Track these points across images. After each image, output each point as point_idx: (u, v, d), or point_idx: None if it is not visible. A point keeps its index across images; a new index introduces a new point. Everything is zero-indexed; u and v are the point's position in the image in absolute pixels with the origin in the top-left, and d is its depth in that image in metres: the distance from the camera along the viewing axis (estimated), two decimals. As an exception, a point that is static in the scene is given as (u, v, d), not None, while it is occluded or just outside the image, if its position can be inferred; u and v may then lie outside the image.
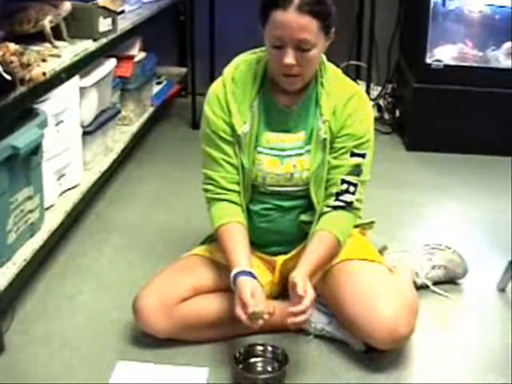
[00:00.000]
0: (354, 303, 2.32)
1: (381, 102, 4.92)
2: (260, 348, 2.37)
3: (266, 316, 2.17)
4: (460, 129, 4.31)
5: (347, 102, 2.38)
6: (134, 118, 4.04)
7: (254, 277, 2.26)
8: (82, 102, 3.19)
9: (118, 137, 3.78)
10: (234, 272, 2.26)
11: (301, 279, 2.20)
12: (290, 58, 2.23)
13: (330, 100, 2.37)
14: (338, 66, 2.49)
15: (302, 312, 2.16)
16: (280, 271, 2.54)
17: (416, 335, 2.39)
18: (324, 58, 2.41)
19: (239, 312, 2.18)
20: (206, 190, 2.47)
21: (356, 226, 2.55)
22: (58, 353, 2.41)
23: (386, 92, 4.93)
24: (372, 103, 4.80)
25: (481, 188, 3.92)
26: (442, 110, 4.32)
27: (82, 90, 3.17)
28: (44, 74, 2.52)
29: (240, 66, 2.42)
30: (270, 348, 2.36)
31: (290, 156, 2.42)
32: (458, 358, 2.47)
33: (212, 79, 2.45)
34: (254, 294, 2.19)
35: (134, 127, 4.00)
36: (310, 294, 2.18)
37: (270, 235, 2.54)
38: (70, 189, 3.11)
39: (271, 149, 2.42)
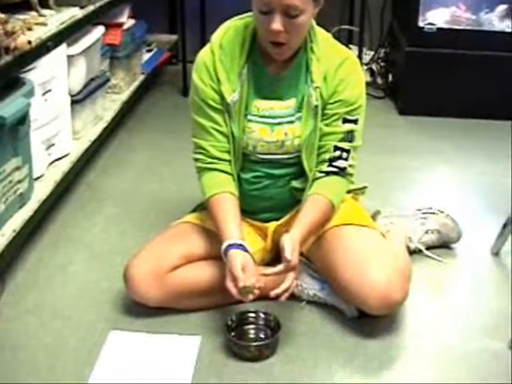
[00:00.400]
0: (347, 268, 2.32)
1: (373, 67, 4.89)
2: (252, 315, 2.36)
3: (256, 291, 2.18)
4: (453, 93, 4.30)
5: (338, 67, 2.35)
6: (123, 87, 4.01)
7: (246, 249, 2.25)
8: (70, 71, 3.17)
9: (108, 105, 3.76)
10: (225, 244, 2.25)
11: (289, 243, 2.19)
12: (277, 24, 2.19)
13: (320, 66, 2.34)
14: (329, 30, 2.45)
15: (286, 289, 2.18)
16: (272, 237, 2.53)
17: (409, 300, 2.38)
18: (314, 23, 2.37)
19: (230, 285, 2.18)
20: (196, 160, 2.45)
21: (348, 192, 2.54)
22: (50, 323, 2.40)
23: (379, 56, 4.91)
24: (364, 68, 4.78)
25: (474, 152, 3.90)
26: (435, 74, 4.29)
27: (70, 58, 3.14)
28: (29, 42, 2.50)
29: (228, 32, 2.39)
30: (262, 315, 2.36)
31: (281, 123, 2.40)
32: (452, 322, 2.47)
33: (203, 46, 2.42)
34: (245, 267, 2.19)
35: (124, 95, 3.97)
36: (294, 261, 2.18)
37: (261, 202, 2.53)
38: (59, 158, 3.10)
39: (261, 116, 2.39)
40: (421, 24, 4.27)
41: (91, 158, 3.49)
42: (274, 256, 2.52)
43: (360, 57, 4.62)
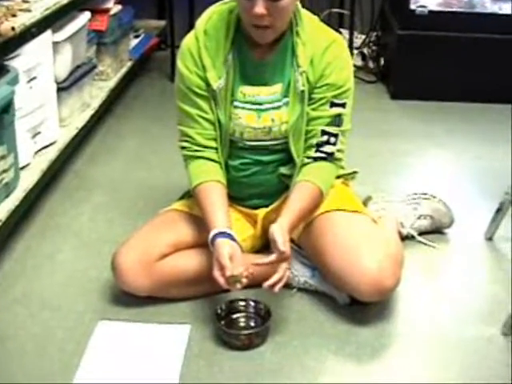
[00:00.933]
0: (337, 255, 2.32)
1: (365, 51, 4.88)
2: (242, 303, 2.37)
3: (244, 280, 2.18)
4: (446, 76, 4.29)
5: (325, 50, 2.34)
6: (111, 73, 4.00)
7: (233, 239, 2.25)
8: (56, 58, 3.15)
9: (96, 92, 3.74)
10: (212, 233, 2.25)
11: (279, 233, 2.19)
12: (260, 8, 2.17)
13: (306, 50, 2.33)
14: (319, 14, 2.46)
15: (279, 279, 2.18)
16: (262, 224, 2.53)
17: (402, 287, 2.39)
18: (299, 5, 2.36)
19: (217, 275, 2.19)
20: (183, 148, 2.45)
21: (338, 177, 2.54)
22: (38, 314, 2.40)
23: (370, 40, 4.90)
24: (356, 52, 4.78)
25: (467, 136, 3.91)
26: (428, 57, 4.28)
27: (55, 44, 3.12)
28: (13, 28, 2.49)
29: (212, 17, 2.37)
30: (252, 303, 2.36)
31: (268, 109, 2.39)
32: (445, 309, 2.47)
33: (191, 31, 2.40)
34: (233, 256, 2.19)
35: (111, 82, 3.96)
36: (288, 252, 2.18)
37: (250, 189, 2.53)
38: (46, 147, 3.08)
39: (247, 103, 2.39)
40: (412, 7, 4.27)
41: (78, 145, 3.48)
42: (265, 242, 2.52)
43: (351, 40, 4.62)
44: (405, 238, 2.78)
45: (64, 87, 3.27)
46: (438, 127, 3.99)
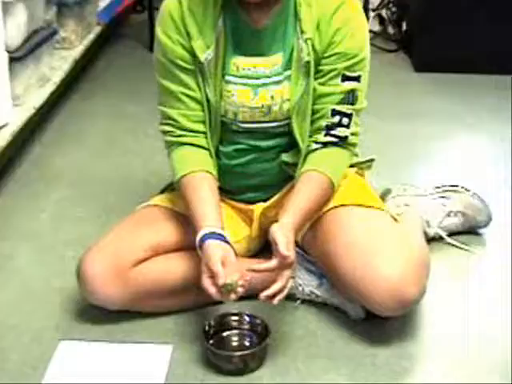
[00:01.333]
0: (350, 259, 2.30)
1: (383, 13, 4.89)
2: (235, 318, 2.36)
3: (239, 289, 2.17)
4: (480, 43, 4.30)
5: (334, 12, 2.32)
6: (75, 40, 4.00)
7: (226, 240, 2.24)
8: (7, 20, 3.14)
9: (57, 64, 3.75)
10: (200, 234, 2.24)
11: (282, 235, 2.17)
12: None
13: (312, 12, 2.31)
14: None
15: (279, 289, 2.16)
16: (259, 222, 2.53)
17: (427, 298, 2.37)
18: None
19: (207, 284, 2.17)
20: (165, 132, 2.45)
21: (352, 166, 2.53)
22: (-12, 332, 2.40)
23: (390, 0, 4.88)
24: (372, 14, 4.78)
25: (506, 115, 3.87)
26: (459, 21, 4.29)
27: (5, 5, 3.13)
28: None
29: (198, -26, 2.35)
30: (247, 318, 2.35)
31: (266, 85, 2.39)
32: (480, 326, 2.45)
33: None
34: (226, 261, 2.18)
35: (76, 51, 3.97)
36: (291, 258, 2.17)
37: (245, 180, 2.54)
38: (-4, 130, 3.08)
39: (242, 77, 2.39)
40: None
41: (36, 128, 3.49)
42: (262, 245, 2.55)
43: (366, 0, 4.61)
44: (432, 240, 2.78)
45: (18, 57, 3.27)
46: (471, 105, 4.00)
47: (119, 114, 3.87)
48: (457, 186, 2.91)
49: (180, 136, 2.42)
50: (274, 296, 2.18)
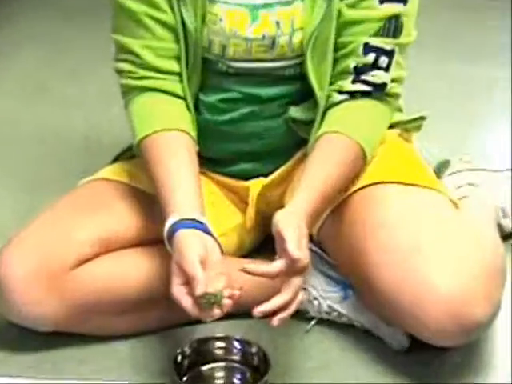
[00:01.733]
0: (388, 265, 2.12)
1: None
2: (220, 345, 2.21)
3: (226, 301, 1.99)
4: None
5: None
6: None
7: (208, 231, 2.09)
8: None
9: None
10: (169, 222, 2.09)
11: (291, 227, 1.99)
12: None
13: None
14: None
15: (285, 304, 1.99)
16: (257, 207, 2.43)
17: (502, 319, 2.20)
18: None
19: (178, 293, 2.00)
20: (121, 72, 2.32)
21: (392, 126, 2.40)
22: None
23: None
24: None
25: None
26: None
27: None
28: None
29: None
30: (237, 345, 2.20)
31: (269, 5, 2.23)
32: None
33: None
34: (207, 260, 2.01)
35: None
36: (304, 260, 1.98)
37: (235, 144, 2.43)
38: None
39: (234, -6, 2.30)
40: None
41: None
42: (260, 239, 2.49)
43: None
44: (509, 236, 2.62)
45: None
46: None
47: (53, 42, 3.94)
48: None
49: (143, 78, 2.29)
50: (275, 313, 1.99)
